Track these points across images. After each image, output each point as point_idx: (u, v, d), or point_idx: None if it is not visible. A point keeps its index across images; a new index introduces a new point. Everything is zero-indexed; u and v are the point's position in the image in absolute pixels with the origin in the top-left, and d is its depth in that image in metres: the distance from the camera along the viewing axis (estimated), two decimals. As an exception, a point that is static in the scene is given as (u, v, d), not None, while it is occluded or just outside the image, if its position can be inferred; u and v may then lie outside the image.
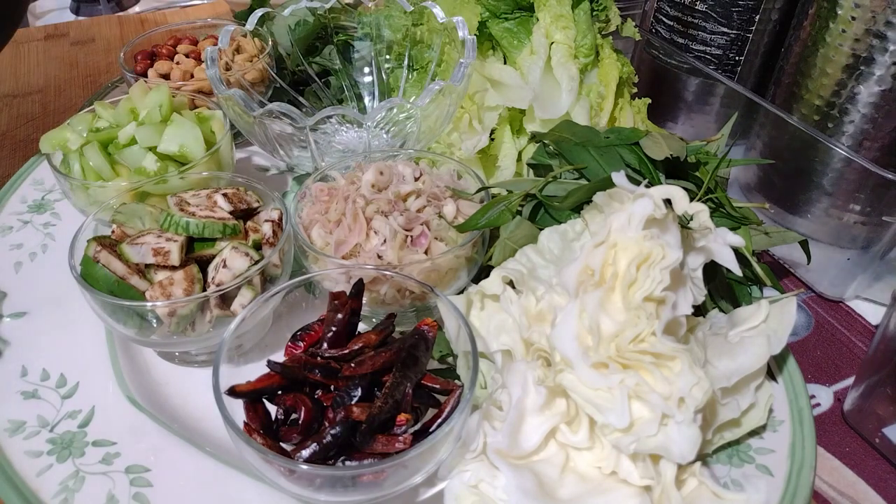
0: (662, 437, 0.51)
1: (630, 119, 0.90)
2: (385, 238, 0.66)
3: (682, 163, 0.70)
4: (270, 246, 0.67)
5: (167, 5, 1.63)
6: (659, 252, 0.53)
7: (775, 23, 0.92)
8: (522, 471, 0.52)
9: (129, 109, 0.80)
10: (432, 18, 0.91)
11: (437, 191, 0.72)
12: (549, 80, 0.86)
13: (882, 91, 0.74)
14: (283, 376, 0.55)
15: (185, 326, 0.63)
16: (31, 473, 0.58)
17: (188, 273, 0.63)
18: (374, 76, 1.02)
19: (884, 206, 0.75)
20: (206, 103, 0.88)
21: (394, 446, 0.50)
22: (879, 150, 0.77)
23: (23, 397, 0.65)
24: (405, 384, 0.54)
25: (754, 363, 0.58)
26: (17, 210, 0.87)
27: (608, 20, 0.93)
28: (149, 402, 0.65)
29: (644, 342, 0.52)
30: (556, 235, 0.64)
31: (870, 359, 0.66)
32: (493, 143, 0.87)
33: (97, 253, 0.63)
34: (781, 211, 0.85)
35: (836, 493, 0.63)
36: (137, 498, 0.57)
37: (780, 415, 0.62)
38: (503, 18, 0.89)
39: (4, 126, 1.12)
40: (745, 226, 0.69)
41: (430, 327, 0.59)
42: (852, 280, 0.80)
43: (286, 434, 0.53)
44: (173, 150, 0.78)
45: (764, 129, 0.87)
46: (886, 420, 0.65)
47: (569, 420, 0.54)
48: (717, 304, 0.66)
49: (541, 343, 0.56)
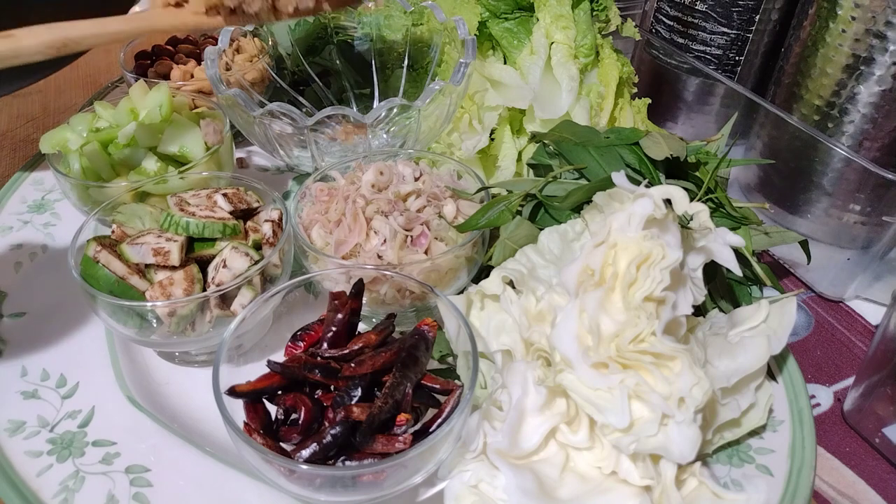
0: (662, 437, 0.51)
1: (630, 119, 0.90)
2: (385, 238, 0.66)
3: (682, 163, 0.70)
4: (270, 246, 0.67)
5: (167, 5, 1.63)
6: (659, 252, 0.53)
7: (775, 23, 0.92)
8: (522, 471, 0.52)
9: (129, 109, 0.80)
10: (432, 18, 0.91)
11: (437, 191, 0.73)
12: (549, 80, 0.86)
13: (882, 91, 0.74)
14: (283, 376, 0.55)
15: (185, 326, 0.63)
16: (31, 473, 0.58)
17: (188, 273, 0.63)
18: (375, 76, 1.02)
19: (884, 206, 0.75)
20: (206, 103, 0.88)
21: (394, 446, 0.50)
22: (879, 150, 0.77)
23: (23, 397, 0.65)
24: (405, 384, 0.54)
25: (754, 363, 0.58)
26: (17, 210, 0.87)
27: (608, 20, 0.93)
28: (149, 402, 0.65)
29: (644, 342, 0.52)
30: (556, 235, 0.64)
31: (870, 359, 0.66)
32: (493, 143, 0.87)
33: (97, 253, 0.63)
34: (781, 211, 0.85)
35: (836, 493, 0.63)
36: (137, 498, 0.57)
37: (780, 415, 0.62)
38: (503, 18, 0.89)
39: (4, 126, 1.12)
40: (745, 226, 0.69)
41: (430, 327, 0.59)
42: (852, 280, 0.80)
43: (286, 434, 0.53)
44: (173, 150, 0.78)
45: (764, 129, 0.87)
46: (886, 420, 0.65)
47: (569, 420, 0.54)
48: (717, 304, 0.66)
49: (541, 343, 0.56)
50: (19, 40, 0.60)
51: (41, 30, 0.61)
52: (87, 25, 0.64)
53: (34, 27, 0.61)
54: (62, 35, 0.62)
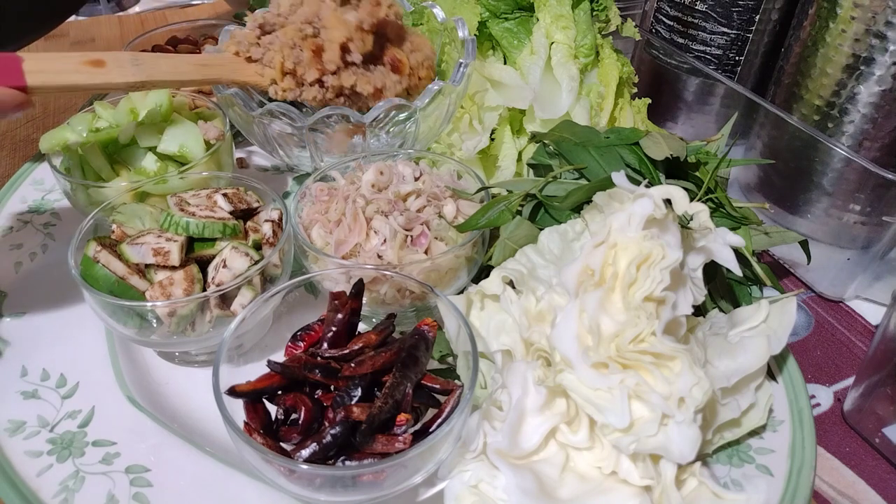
0: (662, 437, 0.51)
1: (630, 119, 0.90)
2: (385, 238, 0.66)
3: (682, 163, 0.70)
4: (270, 246, 0.67)
5: (167, 5, 1.63)
6: (659, 252, 0.53)
7: (775, 23, 0.92)
8: (522, 471, 0.52)
9: (129, 109, 0.80)
10: (432, 18, 0.91)
11: (437, 191, 0.72)
12: (549, 80, 0.86)
13: (882, 91, 0.74)
14: (283, 376, 0.55)
15: (185, 326, 0.63)
16: (31, 473, 0.58)
17: (188, 273, 0.63)
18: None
19: (884, 206, 0.75)
20: (206, 103, 0.88)
21: (394, 446, 0.50)
22: (879, 150, 0.77)
23: (23, 397, 0.65)
24: (405, 384, 0.54)
25: (754, 363, 0.58)
26: (17, 210, 0.87)
27: (608, 20, 0.93)
28: (149, 402, 0.65)
29: (644, 342, 0.52)
30: (556, 235, 0.64)
31: (870, 359, 0.66)
32: (494, 143, 0.87)
33: (97, 253, 0.63)
34: (781, 211, 0.85)
35: (836, 493, 0.63)
36: (137, 498, 0.57)
37: (780, 415, 0.62)
38: (503, 18, 0.89)
39: (4, 126, 1.12)
40: (745, 226, 0.69)
41: (430, 327, 0.59)
42: (852, 280, 0.80)
43: (286, 434, 0.53)
44: (173, 150, 0.78)
45: (764, 129, 0.87)
46: (886, 420, 0.65)
47: (569, 420, 0.54)
48: (717, 304, 0.66)
49: (541, 343, 0.56)
50: (108, 75, 0.66)
51: (126, 63, 0.67)
52: (164, 70, 0.70)
53: (118, 54, 0.68)
54: (142, 79, 0.68)
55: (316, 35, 0.74)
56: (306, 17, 0.74)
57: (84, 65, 0.65)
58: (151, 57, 0.71)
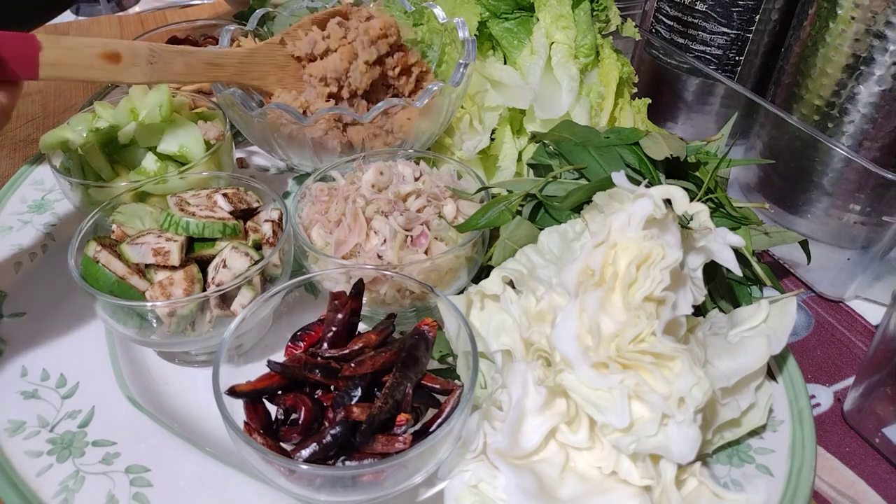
0: (662, 437, 0.51)
1: (630, 119, 0.90)
2: (385, 238, 0.66)
3: (682, 163, 0.70)
4: (270, 246, 0.67)
5: (167, 5, 1.63)
6: (659, 252, 0.53)
7: (775, 23, 0.92)
8: (522, 471, 0.52)
9: (129, 109, 0.80)
10: (432, 18, 0.91)
11: (437, 191, 0.72)
12: (549, 80, 0.86)
13: (882, 91, 0.74)
14: (283, 376, 0.55)
15: (185, 326, 0.63)
16: (31, 473, 0.58)
17: (188, 273, 0.63)
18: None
19: (884, 206, 0.75)
20: (206, 103, 0.88)
21: (394, 446, 0.50)
22: (879, 150, 0.77)
23: (23, 397, 0.65)
24: (405, 384, 0.54)
25: (754, 363, 0.58)
26: (17, 210, 0.87)
27: (608, 20, 0.93)
28: (149, 402, 0.65)
29: (644, 342, 0.52)
30: (556, 235, 0.64)
31: (870, 359, 0.66)
32: (494, 143, 0.87)
33: (97, 253, 0.63)
34: (781, 211, 0.85)
35: (836, 493, 0.63)
36: (137, 498, 0.57)
37: (780, 415, 0.62)
38: (503, 18, 0.89)
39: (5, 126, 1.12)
40: (745, 226, 0.69)
41: (430, 327, 0.59)
42: (852, 280, 0.80)
43: (286, 434, 0.53)
44: (173, 150, 0.78)
45: (764, 129, 0.87)
46: (886, 420, 0.65)
47: (569, 420, 0.54)
48: (717, 304, 0.66)
49: (541, 343, 0.56)
50: (122, 74, 0.68)
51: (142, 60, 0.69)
52: (178, 72, 0.72)
53: (136, 47, 0.68)
54: (154, 80, 0.71)
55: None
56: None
57: (100, 59, 0.66)
58: (167, 53, 0.71)
